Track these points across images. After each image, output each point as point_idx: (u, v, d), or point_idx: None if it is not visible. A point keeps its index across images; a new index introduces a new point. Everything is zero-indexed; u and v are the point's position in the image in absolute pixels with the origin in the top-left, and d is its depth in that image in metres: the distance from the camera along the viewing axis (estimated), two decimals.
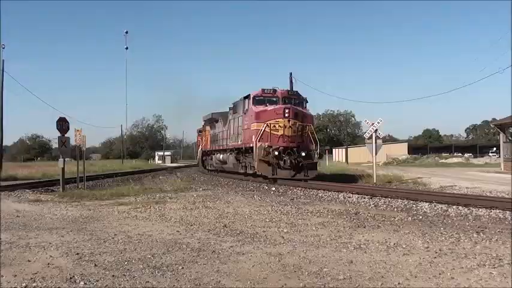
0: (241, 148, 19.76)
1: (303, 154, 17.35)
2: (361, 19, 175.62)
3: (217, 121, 26.38)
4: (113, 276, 4.40)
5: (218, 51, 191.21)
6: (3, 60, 27.09)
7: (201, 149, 32.48)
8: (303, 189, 14.61)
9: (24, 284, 4.16)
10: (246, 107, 19.10)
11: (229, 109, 23.26)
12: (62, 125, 15.50)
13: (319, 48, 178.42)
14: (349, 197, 12.00)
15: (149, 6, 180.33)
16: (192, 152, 59.04)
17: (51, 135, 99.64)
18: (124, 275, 4.44)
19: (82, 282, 4.19)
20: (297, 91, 19.62)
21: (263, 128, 17.45)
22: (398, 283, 4.14)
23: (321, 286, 4.10)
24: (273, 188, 15.43)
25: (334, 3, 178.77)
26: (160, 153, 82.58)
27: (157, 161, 78.90)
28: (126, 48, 62.51)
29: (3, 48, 27.63)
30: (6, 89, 36.22)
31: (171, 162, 72.73)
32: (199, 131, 37.68)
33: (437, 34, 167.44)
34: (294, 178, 17.09)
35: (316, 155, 18.24)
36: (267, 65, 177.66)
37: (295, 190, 14.59)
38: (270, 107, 18.01)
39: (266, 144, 17.31)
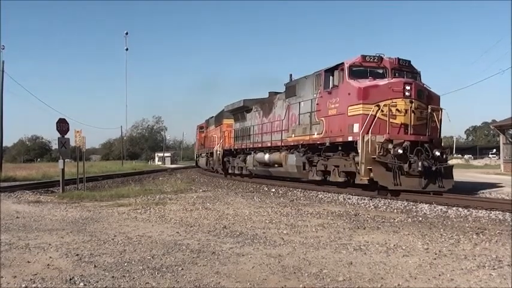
0: (320, 144, 13.92)
1: (437, 154, 11.85)
2: (361, 18, 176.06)
3: (248, 111, 20.87)
4: (113, 277, 4.40)
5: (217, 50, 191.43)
6: (3, 61, 27.08)
7: (219, 147, 26.05)
8: (303, 191, 14.61)
9: (23, 285, 4.16)
10: (335, 82, 13.14)
11: (273, 94, 18.79)
12: (62, 126, 15.51)
13: (318, 47, 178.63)
14: (349, 199, 12.00)
15: (149, 5, 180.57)
16: (192, 153, 58.65)
17: (51, 136, 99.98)
18: (124, 276, 4.44)
19: (82, 284, 4.19)
20: (409, 60, 13.22)
21: (374, 113, 11.74)
22: (398, 284, 4.14)
23: (320, 287, 4.10)
24: (273, 190, 15.41)
25: (334, 3, 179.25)
26: (160, 154, 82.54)
27: (157, 162, 78.89)
28: (126, 49, 62.47)
29: (3, 49, 27.63)
30: (6, 89, 36.22)
31: (171, 164, 72.74)
32: (201, 128, 34.58)
33: (437, 34, 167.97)
34: (425, 190, 11.68)
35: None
36: (265, 66, 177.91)
37: (295, 192, 14.59)
38: (380, 81, 12.24)
39: (384, 137, 11.65)
